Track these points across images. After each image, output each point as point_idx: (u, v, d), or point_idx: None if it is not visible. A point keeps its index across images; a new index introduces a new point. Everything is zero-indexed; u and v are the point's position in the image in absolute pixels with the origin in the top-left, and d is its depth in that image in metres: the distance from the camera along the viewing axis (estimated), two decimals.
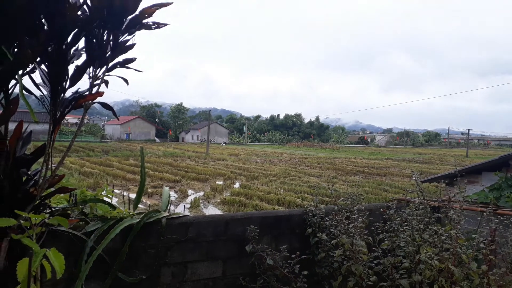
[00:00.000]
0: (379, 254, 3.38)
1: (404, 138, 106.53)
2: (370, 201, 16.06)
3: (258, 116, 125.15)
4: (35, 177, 2.51)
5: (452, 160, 42.27)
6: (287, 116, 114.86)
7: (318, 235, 3.67)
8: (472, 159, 44.24)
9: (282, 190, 19.77)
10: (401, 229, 3.47)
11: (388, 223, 3.62)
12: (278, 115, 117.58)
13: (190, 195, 18.72)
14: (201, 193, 19.05)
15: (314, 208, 3.89)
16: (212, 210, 15.68)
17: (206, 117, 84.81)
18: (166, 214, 3.21)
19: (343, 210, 3.71)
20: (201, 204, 16.49)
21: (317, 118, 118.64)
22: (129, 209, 3.31)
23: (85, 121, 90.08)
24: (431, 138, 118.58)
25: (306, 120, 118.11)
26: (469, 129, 71.39)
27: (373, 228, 3.65)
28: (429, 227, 3.46)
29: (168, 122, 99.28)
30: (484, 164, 5.37)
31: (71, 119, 69.26)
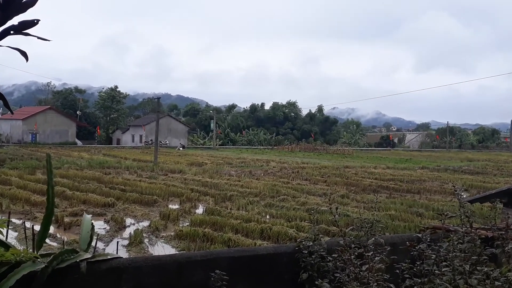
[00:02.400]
0: None
1: (447, 137, 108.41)
2: (396, 231, 16.27)
3: (233, 106, 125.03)
4: None
5: None
6: (275, 106, 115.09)
7: (316, 282, 3.69)
8: None
9: (268, 217, 19.84)
10: (437, 271, 3.53)
11: (419, 262, 3.67)
12: (263, 105, 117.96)
13: (129, 225, 18.60)
14: (146, 223, 18.94)
15: (311, 243, 3.92)
16: (162, 249, 15.59)
17: (154, 107, 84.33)
18: (88, 255, 3.18)
19: (354, 245, 3.74)
20: (146, 240, 16.38)
21: (320, 109, 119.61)
22: (32, 249, 3.27)
23: None
24: (486, 137, 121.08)
25: (304, 112, 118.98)
26: None
27: (397, 271, 3.70)
28: (479, 267, 3.52)
29: (96, 116, 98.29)
30: None
31: None
